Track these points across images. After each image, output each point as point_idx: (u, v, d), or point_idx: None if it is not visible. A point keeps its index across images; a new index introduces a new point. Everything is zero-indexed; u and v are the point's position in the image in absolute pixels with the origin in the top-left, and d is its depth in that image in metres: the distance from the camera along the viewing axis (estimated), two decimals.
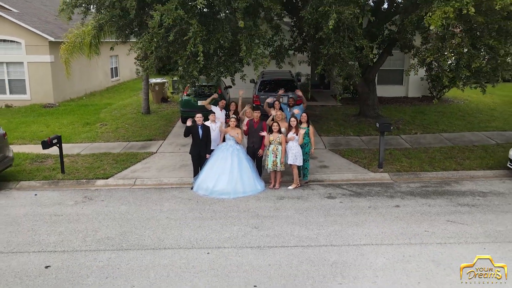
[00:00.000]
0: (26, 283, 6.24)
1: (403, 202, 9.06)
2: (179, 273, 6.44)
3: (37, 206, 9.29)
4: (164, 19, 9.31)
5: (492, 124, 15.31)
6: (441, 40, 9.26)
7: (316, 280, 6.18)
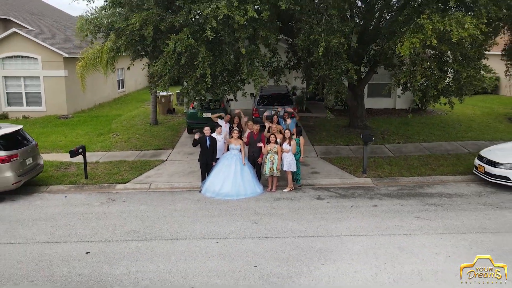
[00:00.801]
0: (72, 265, 7.81)
1: (381, 202, 10.67)
2: (194, 257, 8.02)
3: (69, 206, 10.89)
4: (177, 46, 10.97)
5: (468, 135, 16.98)
6: (413, 64, 10.93)
7: (304, 262, 7.77)
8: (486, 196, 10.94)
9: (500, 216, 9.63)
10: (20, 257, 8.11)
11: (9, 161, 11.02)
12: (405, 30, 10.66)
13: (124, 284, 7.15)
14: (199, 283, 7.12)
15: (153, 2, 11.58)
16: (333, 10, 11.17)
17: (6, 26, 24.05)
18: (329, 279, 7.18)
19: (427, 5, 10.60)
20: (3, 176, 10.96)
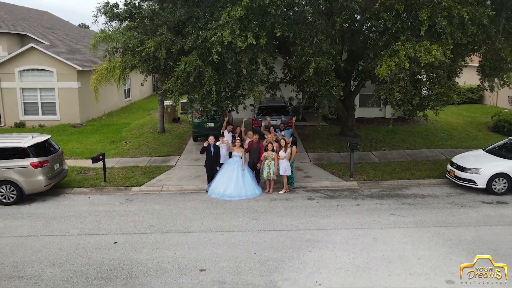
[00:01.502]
0: (104, 252, 9.48)
1: (363, 202, 12.36)
2: (204, 246, 9.69)
3: (93, 205, 12.57)
4: (186, 66, 12.70)
5: (448, 142, 18.68)
6: (391, 82, 12.65)
7: (294, 249, 9.43)
8: (454, 196, 12.64)
9: (463, 213, 11.32)
10: (60, 246, 9.78)
11: (41, 166, 12.70)
12: (384, 53, 12.40)
13: (148, 266, 8.81)
14: (209, 265, 8.79)
15: (165, 28, 13.31)
16: (322, 35, 12.91)
17: (23, 40, 25.84)
18: (314, 262, 8.84)
19: (403, 33, 12.35)
20: (36, 179, 12.64)
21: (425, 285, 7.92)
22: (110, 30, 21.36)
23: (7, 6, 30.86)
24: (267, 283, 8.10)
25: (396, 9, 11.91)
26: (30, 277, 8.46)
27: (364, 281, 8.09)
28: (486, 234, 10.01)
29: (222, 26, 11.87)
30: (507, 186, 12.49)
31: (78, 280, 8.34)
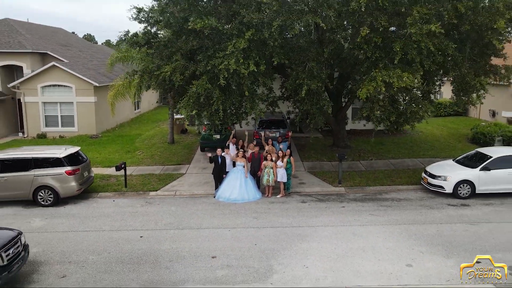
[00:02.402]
0: (133, 243, 11.66)
1: (347, 204, 14.54)
2: (214, 239, 11.86)
3: (118, 207, 14.77)
4: (198, 89, 14.95)
5: (429, 153, 20.86)
6: (372, 102, 14.87)
7: (288, 242, 11.59)
8: (425, 200, 14.81)
9: (430, 213, 13.49)
10: (96, 239, 11.98)
11: (74, 173, 14.93)
12: (365, 78, 14.65)
13: (170, 254, 10.99)
14: (219, 254, 10.95)
15: (179, 55, 15.60)
16: (313, 62, 15.18)
17: (44, 58, 28.19)
18: (303, 251, 11.01)
19: (381, 61, 14.59)
20: (70, 185, 14.87)
21: (389, 268, 10.07)
22: (123, 49, 23.75)
23: (25, 24, 33.28)
24: (265, 266, 10.27)
25: (375, 41, 14.16)
26: (77, 262, 10.65)
27: (341, 265, 10.25)
28: (446, 230, 12.17)
29: (228, 56, 14.13)
30: (471, 191, 14.65)
31: (115, 264, 10.52)
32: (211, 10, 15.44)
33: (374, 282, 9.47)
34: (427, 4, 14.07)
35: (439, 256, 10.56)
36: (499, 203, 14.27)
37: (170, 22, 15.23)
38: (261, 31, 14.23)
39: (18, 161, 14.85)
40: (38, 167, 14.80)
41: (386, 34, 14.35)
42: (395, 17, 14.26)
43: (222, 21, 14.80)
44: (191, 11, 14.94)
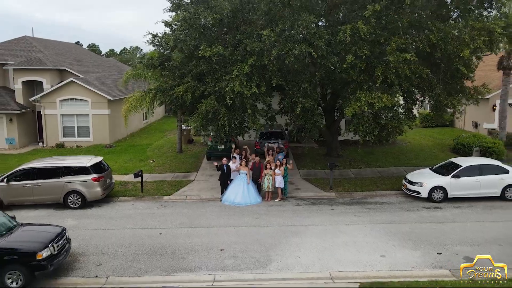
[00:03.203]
0: (153, 239, 13.89)
1: (336, 207, 16.78)
2: (222, 235, 14.09)
3: (137, 209, 17.03)
4: (206, 107, 17.25)
5: (413, 162, 23.10)
6: (358, 118, 17.15)
7: (284, 237, 13.81)
8: (404, 203, 17.06)
9: (406, 215, 15.73)
10: (122, 236, 14.23)
11: (99, 180, 17.20)
12: (351, 98, 16.95)
13: (185, 247, 13.22)
14: (226, 247, 13.18)
15: (190, 78, 17.92)
16: (306, 83, 17.49)
17: (61, 74, 30.55)
18: (296, 245, 13.23)
19: (365, 83, 16.90)
20: (95, 190, 17.14)
21: (366, 258, 12.30)
22: (137, 67, 26.14)
23: (42, 41, 35.73)
24: (264, 256, 12.50)
25: (359, 66, 16.49)
26: (109, 254, 12.90)
27: (327, 256, 12.47)
28: (417, 228, 14.41)
29: (233, 79, 16.45)
30: (443, 195, 16.90)
31: (141, 255, 12.77)
32: (218, 38, 17.79)
33: (352, 269, 11.70)
34: (403, 35, 16.40)
35: (408, 249, 12.80)
36: (467, 206, 16.51)
37: (182, 49, 17.55)
38: (261, 58, 16.55)
39: (51, 170, 17.15)
40: (68, 175, 17.08)
41: (369, 60, 16.65)
42: (376, 45, 16.58)
43: (227, 49, 17.13)
44: (201, 39, 17.26)
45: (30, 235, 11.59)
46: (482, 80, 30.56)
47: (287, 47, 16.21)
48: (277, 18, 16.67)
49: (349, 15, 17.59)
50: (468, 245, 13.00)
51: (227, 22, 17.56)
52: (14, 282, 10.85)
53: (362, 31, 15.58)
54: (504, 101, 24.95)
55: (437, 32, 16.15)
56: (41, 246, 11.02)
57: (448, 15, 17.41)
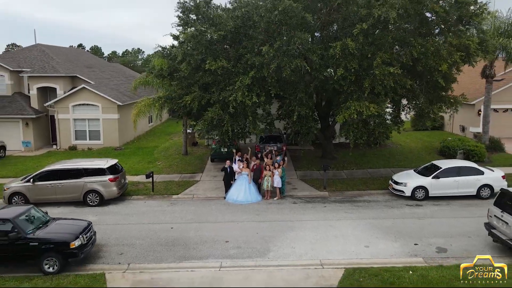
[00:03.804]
0: (166, 232, 15.78)
1: (329, 205, 18.68)
2: (226, 229, 15.97)
3: (150, 207, 18.93)
4: (211, 114, 19.15)
5: (401, 163, 24.98)
6: (348, 125, 19.04)
7: (281, 231, 15.69)
8: (389, 201, 18.95)
9: (390, 211, 17.63)
10: (139, 229, 16.12)
11: (115, 180, 19.10)
12: (342, 106, 18.84)
13: (195, 240, 15.10)
14: (230, 239, 15.06)
15: (197, 88, 19.81)
16: (302, 93, 19.38)
17: (73, 80, 32.46)
18: (292, 237, 15.12)
19: (355, 93, 18.78)
20: (112, 189, 19.02)
21: (352, 248, 14.18)
22: (146, 75, 28.06)
23: (53, 48, 37.64)
24: (264, 247, 14.39)
25: (349, 78, 18.37)
26: (128, 245, 14.79)
27: (319, 246, 14.36)
28: (399, 223, 16.30)
29: (236, 90, 18.35)
30: (425, 194, 18.78)
31: (157, 246, 14.66)
32: (222, 52, 19.67)
33: (340, 257, 13.59)
34: (389, 50, 18.29)
35: (389, 240, 14.69)
36: (445, 204, 18.40)
37: (190, 62, 19.41)
38: (261, 70, 18.44)
39: (72, 171, 19.05)
40: (87, 176, 18.97)
41: (358, 73, 18.53)
42: (364, 60, 18.45)
43: (231, 62, 19.01)
44: (207, 53, 19.14)
45: (63, 228, 13.49)
46: (470, 85, 32.67)
47: (284, 61, 18.09)
48: (275, 35, 18.54)
49: (341, 32, 19.48)
50: (442, 237, 14.89)
51: (230, 38, 19.45)
52: (51, 267, 12.75)
53: (351, 47, 17.48)
54: (487, 107, 26.85)
55: (419, 47, 18.06)
56: (73, 237, 12.92)
57: (429, 32, 19.26)
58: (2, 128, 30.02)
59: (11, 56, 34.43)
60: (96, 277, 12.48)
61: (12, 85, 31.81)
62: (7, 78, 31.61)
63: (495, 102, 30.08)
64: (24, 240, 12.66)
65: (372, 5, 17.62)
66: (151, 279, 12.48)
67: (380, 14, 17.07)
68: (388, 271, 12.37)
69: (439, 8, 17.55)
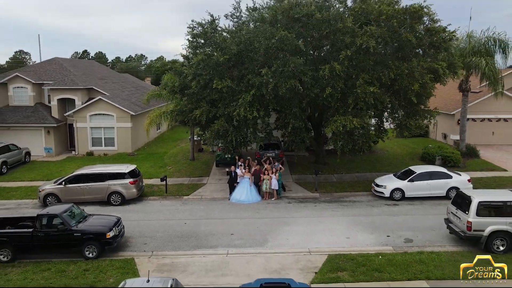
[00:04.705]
0: (181, 227, 18.83)
1: (319, 204, 21.73)
2: (231, 225, 19.01)
3: (164, 206, 22.00)
4: (217, 126, 22.24)
5: (385, 168, 28.01)
6: (336, 136, 22.10)
7: (278, 226, 18.71)
8: (371, 201, 22.00)
9: (370, 209, 20.68)
10: (158, 225, 19.16)
11: (134, 183, 22.17)
12: (330, 120, 21.92)
13: (205, 233, 18.15)
14: (235, 232, 18.10)
15: (205, 103, 22.91)
16: (295, 108, 22.46)
17: (89, 92, 35.58)
18: (286, 231, 18.15)
19: (341, 108, 21.86)
20: (132, 191, 22.10)
21: (336, 239, 17.21)
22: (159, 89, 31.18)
23: (70, 61, 40.84)
24: (263, 238, 17.42)
25: (336, 96, 21.45)
26: (149, 237, 17.84)
27: (308, 238, 17.39)
28: (377, 219, 19.35)
29: (239, 105, 21.42)
30: (401, 195, 21.84)
31: (173, 238, 17.71)
32: (227, 72, 22.75)
33: (325, 246, 16.62)
34: (370, 71, 21.37)
35: (367, 233, 17.73)
36: (419, 204, 21.46)
37: (199, 81, 22.49)
38: (261, 89, 21.52)
39: (97, 175, 22.12)
40: (110, 179, 22.04)
41: (343, 91, 21.61)
42: (349, 80, 21.55)
43: (234, 81, 22.11)
44: (214, 74, 22.23)
45: (99, 222, 16.55)
46: (452, 97, 35.80)
47: (280, 81, 21.16)
48: (273, 58, 21.64)
49: (329, 55, 22.58)
50: (411, 230, 17.93)
51: (234, 60, 22.55)
52: (91, 253, 15.80)
53: (337, 69, 20.54)
54: (464, 118, 29.92)
55: (395, 69, 21.14)
56: (108, 229, 15.98)
57: (406, 55, 22.34)
58: (26, 135, 33.09)
59: (32, 69, 37.53)
60: (128, 261, 15.54)
61: (34, 96, 34.93)
62: (30, 90, 34.74)
63: (473, 112, 33.22)
64: (70, 231, 15.73)
65: (355, 34, 20.71)
66: (171, 263, 15.52)
67: (361, 43, 20.18)
68: (362, 256, 15.44)
69: (411, 37, 20.62)
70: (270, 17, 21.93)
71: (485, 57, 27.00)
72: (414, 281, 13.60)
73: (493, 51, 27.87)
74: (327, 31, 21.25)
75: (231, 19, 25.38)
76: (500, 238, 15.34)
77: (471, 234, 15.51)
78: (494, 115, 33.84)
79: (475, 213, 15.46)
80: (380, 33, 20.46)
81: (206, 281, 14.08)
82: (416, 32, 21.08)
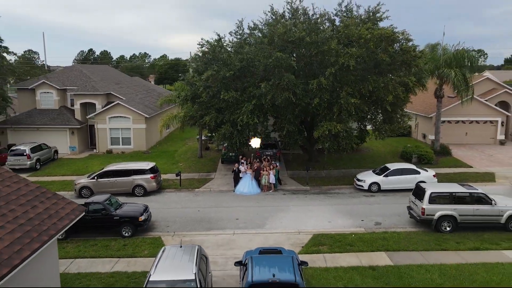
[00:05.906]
0: (195, 214, 23.16)
1: (309, 196, 26.05)
2: (236, 212, 23.33)
3: (180, 197, 26.35)
4: (224, 130, 26.54)
5: (369, 165, 32.25)
6: (323, 138, 26.35)
7: (275, 212, 23.04)
8: (352, 193, 26.32)
9: (350, 200, 25.02)
10: (176, 212, 23.50)
11: (155, 178, 26.50)
12: (319, 125, 26.20)
13: (215, 218, 22.47)
14: (240, 217, 22.42)
15: (214, 110, 27.19)
16: (290, 115, 26.74)
17: (108, 96, 39.83)
18: (281, 217, 22.48)
19: (328, 115, 26.11)
20: (153, 184, 26.43)
21: (320, 223, 21.53)
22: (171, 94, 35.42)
23: (88, 67, 45.05)
24: (262, 222, 21.75)
25: (323, 105, 25.70)
26: (171, 221, 22.18)
27: (299, 222, 21.70)
28: (355, 207, 23.67)
29: (242, 113, 25.69)
30: (378, 188, 26.15)
31: (190, 221, 22.06)
32: (232, 85, 27.00)
33: (311, 228, 20.94)
34: (351, 85, 25.61)
35: (345, 218, 22.07)
36: (392, 195, 25.78)
37: (208, 92, 26.74)
38: (260, 99, 25.78)
39: (124, 171, 26.45)
40: (135, 174, 26.36)
41: (329, 101, 25.87)
42: (333, 92, 25.80)
43: (238, 93, 26.35)
44: (221, 86, 26.47)
45: (132, 208, 20.89)
46: (432, 101, 39.94)
47: (277, 93, 25.42)
48: (271, 74, 25.89)
49: (318, 70, 26.81)
50: (381, 216, 22.27)
51: (237, 74, 26.79)
52: (127, 233, 20.13)
53: (324, 83, 24.77)
54: (438, 120, 34.19)
55: (373, 83, 25.39)
56: (139, 214, 20.31)
57: (382, 71, 26.56)
58: (53, 135, 37.41)
59: (56, 76, 41.78)
60: (156, 239, 19.90)
61: (58, 100, 39.23)
62: (55, 95, 39.03)
63: (449, 115, 37.49)
64: (111, 216, 20.08)
65: (338, 54, 24.94)
66: (190, 240, 19.86)
67: (343, 62, 24.43)
68: (340, 235, 19.78)
69: (385, 57, 24.84)
70: (268, 39, 26.14)
71: (455, 68, 31.22)
72: (376, 252, 17.96)
73: (462, 63, 32.05)
74: (315, 52, 25.48)
75: (235, 36, 29.60)
76: (447, 221, 19.69)
77: (424, 217, 19.85)
78: (467, 118, 38.13)
79: (427, 201, 19.79)
80: (360, 54, 24.69)
81: (219, 252, 18.43)
82: (390, 52, 25.29)
